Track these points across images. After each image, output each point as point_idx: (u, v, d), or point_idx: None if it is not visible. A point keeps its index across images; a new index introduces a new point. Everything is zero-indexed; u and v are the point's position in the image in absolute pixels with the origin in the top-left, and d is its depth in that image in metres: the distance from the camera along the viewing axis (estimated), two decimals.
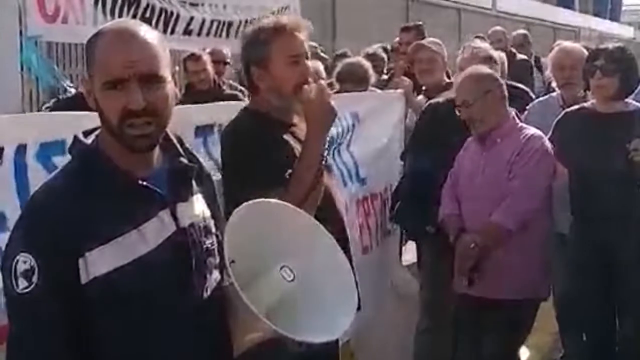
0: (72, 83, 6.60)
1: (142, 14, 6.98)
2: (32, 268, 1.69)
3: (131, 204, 1.79)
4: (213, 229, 1.97)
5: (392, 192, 4.65)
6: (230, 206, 2.55)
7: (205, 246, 1.92)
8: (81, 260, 1.73)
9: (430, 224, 4.17)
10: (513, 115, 3.94)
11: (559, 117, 4.25)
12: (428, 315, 4.38)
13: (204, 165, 2.07)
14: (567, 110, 4.29)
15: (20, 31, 6.01)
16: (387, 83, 6.28)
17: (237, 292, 1.79)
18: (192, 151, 2.00)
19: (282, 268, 1.95)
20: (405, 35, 7.24)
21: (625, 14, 35.20)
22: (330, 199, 2.94)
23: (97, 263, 1.73)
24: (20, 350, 1.74)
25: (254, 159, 2.74)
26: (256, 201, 1.96)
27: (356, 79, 5.17)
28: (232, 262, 1.82)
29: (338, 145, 4.21)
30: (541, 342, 5.02)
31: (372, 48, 7.30)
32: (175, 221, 1.86)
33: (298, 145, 2.82)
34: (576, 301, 4.23)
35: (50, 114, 2.65)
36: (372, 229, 4.52)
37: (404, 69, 6.05)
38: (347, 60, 5.70)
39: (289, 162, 2.72)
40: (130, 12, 6.86)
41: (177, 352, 1.84)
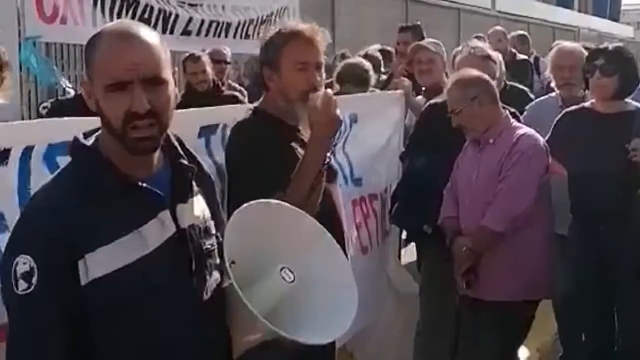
0: (71, 84, 6.59)
1: (141, 15, 6.99)
2: (32, 270, 1.69)
3: (131, 206, 1.79)
4: (213, 230, 1.97)
5: (392, 193, 4.65)
6: (231, 204, 2.57)
7: (205, 247, 1.92)
8: (81, 262, 1.72)
9: (427, 224, 4.17)
10: (507, 114, 3.90)
11: (559, 117, 4.24)
12: (427, 316, 4.38)
13: (204, 166, 2.06)
14: (567, 110, 4.28)
15: (19, 32, 6.01)
16: (387, 83, 6.28)
17: (237, 293, 1.78)
18: (193, 152, 2.00)
19: (282, 269, 1.95)
20: (403, 35, 7.23)
21: (624, 14, 35.23)
22: (332, 206, 2.96)
23: (97, 265, 1.73)
24: (19, 351, 1.74)
25: (256, 160, 2.75)
26: (256, 202, 1.96)
27: (356, 80, 5.17)
28: (232, 263, 1.82)
29: (333, 146, 4.20)
30: (540, 343, 5.02)
31: (370, 49, 7.29)
32: (175, 222, 1.85)
33: (302, 150, 2.83)
34: (575, 301, 4.23)
35: (61, 120, 2.67)
36: (372, 230, 4.51)
37: (404, 70, 6.04)
38: (348, 60, 5.69)
39: (291, 166, 2.73)
40: (129, 13, 6.87)
41: (177, 353, 1.83)
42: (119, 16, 6.74)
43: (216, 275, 1.95)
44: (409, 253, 5.22)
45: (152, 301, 1.78)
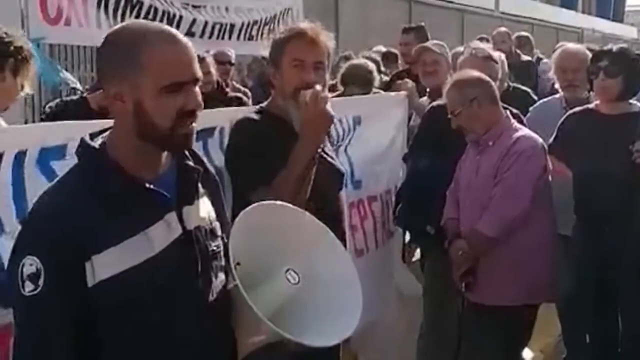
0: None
1: (145, 16, 6.97)
2: (39, 271, 1.69)
3: (138, 207, 1.80)
4: (219, 232, 1.98)
5: (395, 194, 4.65)
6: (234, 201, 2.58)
7: (211, 249, 1.93)
8: (88, 263, 1.73)
9: (430, 225, 4.16)
10: (507, 115, 3.88)
11: (563, 119, 4.25)
12: (430, 317, 4.38)
13: (210, 167, 2.07)
14: (571, 111, 4.28)
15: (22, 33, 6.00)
16: (390, 84, 6.27)
17: (242, 295, 1.78)
18: (198, 153, 2.00)
19: (288, 271, 1.95)
20: (406, 36, 7.24)
21: (628, 15, 35.20)
22: (338, 213, 3.00)
23: (104, 266, 1.73)
24: (26, 352, 1.75)
25: (246, 155, 2.77)
26: (262, 203, 1.97)
27: (361, 81, 5.16)
28: (237, 265, 1.82)
29: (337, 147, 4.20)
30: (544, 344, 5.02)
31: (373, 50, 7.29)
32: (181, 224, 1.86)
33: None
34: (579, 303, 4.23)
35: (55, 124, 2.68)
36: (368, 232, 4.49)
37: (407, 71, 6.05)
38: (352, 61, 5.68)
39: (281, 164, 2.71)
40: (132, 14, 6.86)
41: (182, 354, 1.84)
42: (123, 18, 6.72)
43: (221, 276, 1.95)
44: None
45: (158, 302, 1.78)
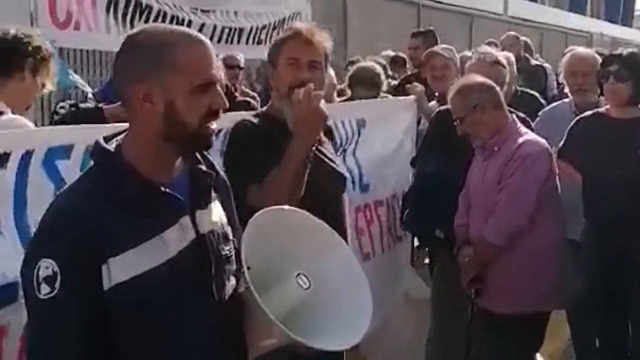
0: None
1: (154, 21, 6.98)
2: (55, 274, 1.69)
3: (153, 211, 1.80)
4: (230, 236, 1.99)
5: (403, 198, 4.65)
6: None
7: (223, 253, 1.94)
8: (104, 266, 1.73)
9: (439, 229, 4.16)
10: (513, 119, 3.86)
11: (573, 123, 4.24)
12: (439, 321, 4.37)
13: (221, 172, 2.08)
14: (581, 116, 4.28)
15: None
16: (398, 89, 6.28)
17: (254, 298, 1.79)
18: (210, 157, 2.01)
19: (298, 275, 1.95)
20: (415, 40, 7.24)
21: (637, 19, 35.10)
22: (340, 215, 2.97)
23: (120, 269, 1.74)
24: (40, 354, 1.75)
25: (239, 155, 2.77)
26: (273, 208, 1.97)
27: (367, 83, 5.17)
28: (248, 269, 1.82)
29: (343, 151, 4.20)
30: (553, 348, 5.00)
31: (379, 56, 7.28)
32: (195, 228, 1.87)
33: None
34: (588, 307, 4.21)
35: (63, 128, 2.69)
36: (374, 236, 4.49)
37: (415, 75, 6.05)
38: (359, 64, 5.69)
39: (276, 163, 2.69)
40: (142, 19, 6.87)
41: (194, 357, 1.84)
42: (132, 22, 6.74)
43: (233, 281, 1.96)
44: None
45: (173, 306, 1.79)
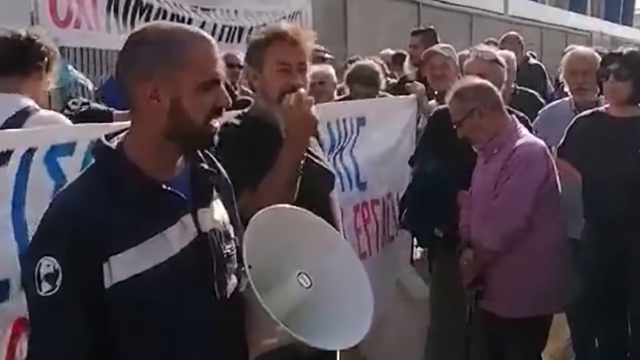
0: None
1: (155, 19, 6.99)
2: (56, 271, 1.69)
3: (155, 209, 1.80)
4: (232, 235, 1.99)
5: (401, 197, 4.64)
6: None
7: (225, 251, 1.94)
8: (105, 264, 1.73)
9: (438, 228, 4.16)
10: (513, 119, 3.85)
11: (572, 122, 4.24)
12: (438, 321, 4.37)
13: (223, 171, 2.08)
14: (581, 115, 4.27)
15: None
16: (398, 87, 6.27)
17: (255, 297, 1.79)
18: (211, 156, 2.01)
19: (300, 275, 1.95)
20: (415, 39, 7.24)
21: (637, 18, 35.09)
22: (330, 215, 2.92)
23: (122, 267, 1.74)
24: (41, 352, 1.75)
25: (229, 161, 2.74)
26: (274, 207, 1.97)
27: (365, 80, 5.15)
28: (250, 268, 1.82)
29: (340, 149, 4.20)
30: (553, 349, 4.99)
31: (381, 53, 7.28)
32: (196, 226, 1.87)
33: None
34: (588, 307, 4.21)
35: (65, 127, 2.69)
36: (371, 235, 4.49)
37: (416, 74, 6.05)
38: (358, 62, 5.68)
39: (267, 167, 2.70)
40: (142, 17, 6.88)
41: (195, 355, 1.84)
42: (132, 21, 6.75)
43: (234, 279, 1.97)
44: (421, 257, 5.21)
45: (174, 304, 1.79)
